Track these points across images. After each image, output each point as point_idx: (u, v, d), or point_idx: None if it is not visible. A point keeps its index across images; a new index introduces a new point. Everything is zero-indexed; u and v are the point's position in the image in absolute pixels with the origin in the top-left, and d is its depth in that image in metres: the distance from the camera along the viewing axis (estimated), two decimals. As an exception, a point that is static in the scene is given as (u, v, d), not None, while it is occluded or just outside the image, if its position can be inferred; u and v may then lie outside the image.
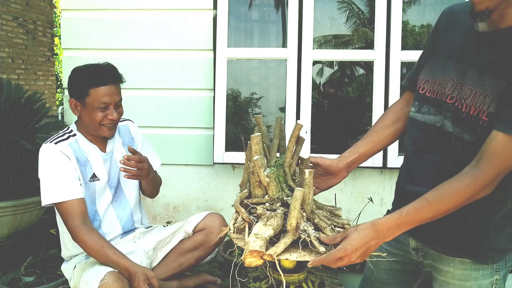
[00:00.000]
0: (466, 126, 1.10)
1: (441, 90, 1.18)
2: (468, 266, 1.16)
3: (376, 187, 2.65)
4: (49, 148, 1.69)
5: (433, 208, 1.05)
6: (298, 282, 1.27)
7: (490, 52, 1.07)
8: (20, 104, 2.59)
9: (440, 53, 1.21)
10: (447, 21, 1.24)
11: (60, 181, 1.64)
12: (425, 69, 1.25)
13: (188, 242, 1.82)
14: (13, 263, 2.32)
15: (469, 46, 1.13)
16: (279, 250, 1.06)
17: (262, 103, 2.87)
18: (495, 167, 1.01)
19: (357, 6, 4.21)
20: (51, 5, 7.53)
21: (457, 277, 1.18)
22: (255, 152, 1.19)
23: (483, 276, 1.16)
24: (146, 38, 2.74)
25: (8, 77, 6.05)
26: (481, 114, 1.06)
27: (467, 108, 1.09)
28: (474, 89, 1.08)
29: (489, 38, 1.07)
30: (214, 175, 2.80)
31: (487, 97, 1.05)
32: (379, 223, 1.08)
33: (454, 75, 1.15)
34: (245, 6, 2.79)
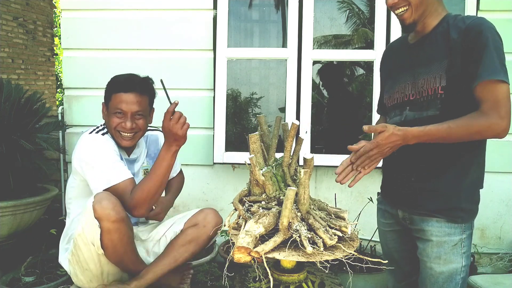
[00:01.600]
0: (428, 105, 1.39)
1: (401, 95, 1.49)
2: (443, 225, 1.40)
3: (376, 187, 2.63)
4: (96, 136, 1.71)
5: (447, 136, 1.28)
6: (298, 282, 1.27)
7: (426, 50, 1.41)
8: (20, 104, 2.59)
9: (392, 71, 1.58)
10: (386, 53, 1.69)
11: (115, 164, 1.65)
12: (386, 89, 1.62)
13: (181, 238, 1.82)
14: (13, 263, 2.32)
15: (411, 56, 1.48)
16: (267, 248, 1.07)
17: (262, 103, 2.86)
18: (496, 109, 1.25)
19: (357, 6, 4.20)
20: (51, 5, 7.52)
21: (435, 234, 1.41)
22: (252, 150, 1.20)
23: (454, 233, 1.40)
24: (146, 38, 2.74)
25: (8, 77, 6.05)
26: (437, 90, 1.37)
27: (425, 93, 1.40)
28: (426, 77, 1.40)
29: (422, 43, 1.44)
30: (214, 175, 2.80)
31: (436, 77, 1.37)
32: (408, 130, 1.30)
33: (408, 79, 1.47)
34: (245, 6, 2.79)
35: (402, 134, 1.28)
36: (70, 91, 2.82)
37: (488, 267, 2.70)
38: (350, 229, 1.22)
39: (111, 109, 1.72)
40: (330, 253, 1.09)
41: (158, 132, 1.98)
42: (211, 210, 1.87)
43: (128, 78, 1.75)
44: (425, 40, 1.42)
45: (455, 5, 2.58)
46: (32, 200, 2.43)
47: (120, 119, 1.71)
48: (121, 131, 1.72)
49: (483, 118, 1.26)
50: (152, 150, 1.95)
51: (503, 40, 1.31)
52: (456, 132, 1.27)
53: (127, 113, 1.71)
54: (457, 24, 1.34)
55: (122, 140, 1.74)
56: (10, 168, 2.46)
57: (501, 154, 2.63)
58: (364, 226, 2.34)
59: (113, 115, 1.71)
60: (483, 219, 2.72)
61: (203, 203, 2.82)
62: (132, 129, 1.72)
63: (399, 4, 1.37)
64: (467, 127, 1.27)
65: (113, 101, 1.71)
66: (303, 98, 2.59)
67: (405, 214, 1.52)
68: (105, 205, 1.50)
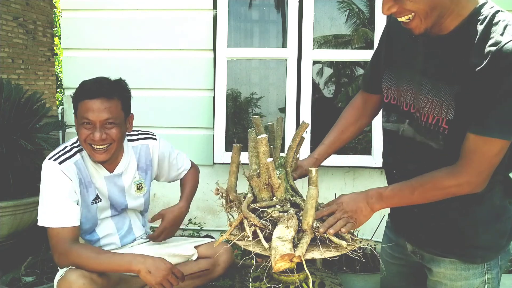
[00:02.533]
0: (428, 134, 1.11)
1: (402, 99, 1.19)
2: (458, 266, 1.16)
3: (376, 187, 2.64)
4: (51, 167, 1.53)
5: (412, 198, 1.11)
6: (298, 282, 1.27)
7: (436, 59, 1.08)
8: (20, 104, 2.60)
9: (396, 61, 1.22)
10: (395, 29, 1.22)
11: (56, 206, 1.51)
12: (385, 76, 1.25)
13: (191, 268, 1.68)
14: (13, 263, 2.32)
15: (416, 55, 1.14)
16: (304, 250, 1.06)
17: (262, 103, 2.86)
18: (473, 166, 1.02)
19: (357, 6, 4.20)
20: (51, 5, 7.53)
21: (448, 277, 1.18)
22: (263, 154, 1.18)
23: (474, 276, 1.16)
24: (146, 38, 2.74)
25: (8, 77, 6.05)
26: (440, 122, 1.07)
27: (425, 117, 1.11)
28: (430, 97, 1.08)
29: (433, 45, 1.08)
30: (214, 175, 2.80)
31: (443, 104, 1.05)
32: (370, 189, 1.17)
33: (411, 84, 1.15)
34: (245, 6, 2.79)
35: (364, 194, 1.16)
36: (70, 91, 2.81)
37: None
38: None
39: (78, 119, 1.52)
40: (349, 244, 1.10)
41: (149, 141, 1.77)
42: (226, 250, 1.71)
43: (93, 82, 1.54)
44: (439, 46, 1.07)
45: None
46: (32, 200, 2.43)
47: (89, 130, 1.50)
48: (92, 143, 1.51)
49: (452, 176, 1.04)
50: (143, 162, 1.74)
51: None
52: (421, 195, 1.09)
53: (95, 123, 1.48)
54: (484, 39, 0.96)
55: (94, 154, 1.53)
56: (10, 168, 2.46)
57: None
58: (364, 226, 2.34)
59: (81, 126, 1.50)
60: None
61: (203, 203, 2.82)
62: (102, 141, 1.50)
63: (400, 13, 1.01)
64: (433, 186, 1.07)
65: (80, 110, 1.50)
66: (303, 98, 2.59)
67: (414, 248, 1.29)
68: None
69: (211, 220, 2.83)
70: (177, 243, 1.79)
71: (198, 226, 2.76)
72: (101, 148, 1.52)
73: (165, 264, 1.47)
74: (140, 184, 1.75)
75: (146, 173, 1.77)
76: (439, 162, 1.09)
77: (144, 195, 1.78)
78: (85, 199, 1.60)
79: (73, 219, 1.52)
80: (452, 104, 1.03)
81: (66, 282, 1.42)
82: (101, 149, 1.53)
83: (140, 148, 1.74)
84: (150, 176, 1.79)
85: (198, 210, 2.82)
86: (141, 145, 1.75)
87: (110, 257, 1.49)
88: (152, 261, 1.46)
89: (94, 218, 1.65)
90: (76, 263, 1.46)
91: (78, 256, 1.46)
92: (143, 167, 1.75)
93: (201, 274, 1.69)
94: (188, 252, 1.73)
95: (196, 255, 1.74)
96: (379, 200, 1.14)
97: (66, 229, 1.49)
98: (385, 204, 1.15)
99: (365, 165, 2.58)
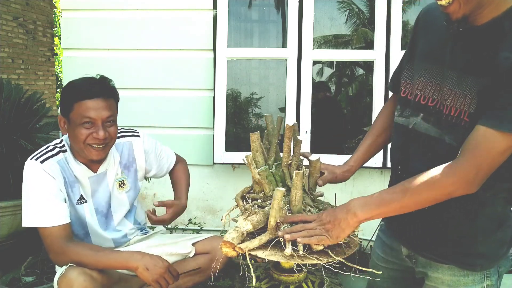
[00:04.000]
0: (448, 128, 1.07)
1: (422, 94, 1.15)
2: (457, 272, 1.13)
3: (376, 187, 2.64)
4: (32, 166, 1.51)
5: (403, 200, 1.03)
6: (298, 282, 1.27)
7: (466, 51, 1.05)
8: (20, 104, 2.60)
9: (419, 55, 1.20)
10: (424, 21, 1.22)
11: (44, 205, 1.48)
12: (405, 71, 1.24)
13: (190, 265, 1.68)
14: (13, 263, 2.32)
15: (444, 46, 1.11)
16: (251, 245, 1.08)
17: (262, 103, 2.87)
18: (474, 162, 0.97)
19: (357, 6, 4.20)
20: (51, 5, 7.53)
21: (446, 283, 1.15)
22: (252, 149, 1.20)
23: (472, 282, 1.13)
24: (146, 38, 2.74)
25: (8, 77, 6.05)
26: (462, 114, 1.04)
27: (448, 109, 1.07)
28: (454, 89, 1.06)
29: (463, 37, 1.06)
30: (214, 175, 2.80)
31: (467, 97, 1.03)
32: (353, 198, 1.08)
33: (433, 77, 1.13)
34: (245, 6, 2.79)
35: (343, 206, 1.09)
36: (70, 91, 2.82)
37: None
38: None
39: (75, 120, 1.49)
40: (314, 257, 1.06)
41: (132, 138, 1.76)
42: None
43: (89, 81, 1.53)
44: (470, 36, 1.04)
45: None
46: (32, 200, 2.43)
47: (89, 130, 1.49)
48: (93, 143, 1.51)
49: (450, 171, 0.98)
50: (126, 159, 1.73)
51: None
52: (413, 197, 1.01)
53: (97, 121, 1.49)
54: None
55: (92, 153, 1.53)
56: (10, 168, 2.46)
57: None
58: (364, 225, 2.34)
59: (79, 127, 1.49)
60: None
61: (203, 203, 2.82)
62: (104, 139, 1.52)
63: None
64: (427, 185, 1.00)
65: (77, 110, 1.48)
66: (303, 98, 2.59)
67: (410, 252, 1.24)
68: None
69: (211, 220, 2.83)
70: (174, 241, 1.78)
71: (198, 226, 2.77)
72: (100, 147, 1.53)
73: (162, 262, 1.48)
74: (122, 181, 1.73)
75: (129, 170, 1.75)
76: (446, 158, 1.04)
77: (127, 192, 1.75)
78: (70, 199, 1.59)
79: (63, 216, 1.51)
80: (475, 97, 1.01)
81: (67, 280, 1.42)
82: (100, 148, 1.53)
83: (123, 146, 1.73)
84: (134, 173, 1.76)
85: (198, 210, 2.83)
86: (123, 143, 1.74)
87: (108, 254, 1.49)
88: (149, 258, 1.47)
89: (82, 219, 1.63)
90: (75, 260, 1.46)
91: (77, 254, 1.46)
92: (126, 164, 1.74)
93: (199, 270, 1.69)
94: (186, 250, 1.73)
95: (194, 252, 1.73)
96: (363, 206, 1.05)
97: (58, 228, 1.48)
98: (370, 211, 1.04)
99: (365, 165, 2.56)
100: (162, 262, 1.48)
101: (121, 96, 1.70)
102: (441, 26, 1.11)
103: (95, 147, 1.52)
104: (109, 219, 1.72)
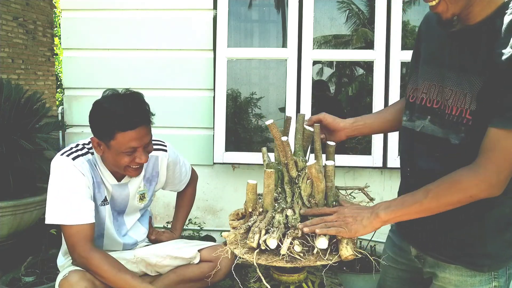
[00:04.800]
0: (451, 128, 1.09)
1: (427, 97, 1.18)
2: (464, 272, 1.14)
3: (376, 187, 2.64)
4: (63, 162, 1.50)
5: (425, 202, 1.04)
6: (298, 282, 1.27)
7: (462, 51, 1.08)
8: (20, 104, 2.60)
9: (422, 60, 1.22)
10: (425, 27, 1.26)
11: (72, 202, 1.47)
12: (412, 77, 1.26)
13: (193, 271, 1.68)
14: (13, 263, 2.32)
15: (443, 47, 1.13)
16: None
17: (262, 103, 2.86)
18: (493, 164, 0.98)
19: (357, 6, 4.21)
20: (51, 5, 7.53)
21: (453, 283, 1.16)
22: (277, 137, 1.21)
23: (480, 283, 1.13)
24: (146, 38, 2.74)
25: (8, 77, 6.05)
26: (463, 113, 1.05)
27: (450, 109, 1.09)
28: (454, 89, 1.08)
29: (459, 37, 1.08)
30: (214, 175, 2.80)
31: (467, 95, 1.04)
32: (378, 203, 1.11)
33: (436, 79, 1.15)
34: (245, 6, 2.79)
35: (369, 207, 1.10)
36: (70, 91, 2.82)
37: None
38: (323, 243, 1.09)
39: (117, 148, 1.47)
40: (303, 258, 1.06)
41: (159, 152, 1.74)
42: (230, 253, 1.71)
43: (129, 109, 1.47)
44: (465, 36, 1.07)
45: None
46: (32, 200, 2.44)
47: (131, 156, 1.50)
48: (133, 166, 1.53)
49: (471, 172, 0.99)
50: (149, 173, 1.73)
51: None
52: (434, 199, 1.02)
53: (140, 148, 1.50)
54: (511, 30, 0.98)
55: (132, 173, 1.55)
56: (10, 168, 2.46)
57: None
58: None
59: (121, 154, 1.48)
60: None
61: (203, 203, 2.82)
62: (146, 162, 1.54)
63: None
64: (449, 187, 1.01)
65: (120, 140, 1.45)
66: (303, 98, 2.59)
67: (419, 253, 1.25)
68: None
69: (211, 220, 2.83)
70: (179, 245, 1.78)
71: (198, 226, 2.77)
72: (138, 167, 1.55)
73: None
74: (143, 194, 1.74)
75: (150, 184, 1.76)
76: (454, 159, 1.06)
77: (144, 205, 1.78)
78: (95, 199, 1.58)
79: (90, 215, 1.49)
80: (475, 95, 1.02)
81: (69, 283, 1.42)
82: (140, 168, 1.56)
83: (149, 159, 1.70)
84: (154, 186, 1.78)
85: (198, 210, 2.83)
86: (150, 156, 1.70)
87: (127, 280, 1.47)
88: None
89: (102, 220, 1.63)
90: (94, 271, 1.46)
91: (98, 266, 1.45)
92: (149, 178, 1.74)
93: (202, 277, 1.68)
94: (189, 255, 1.72)
95: (198, 258, 1.72)
96: (386, 208, 1.07)
97: (84, 227, 1.46)
98: (392, 212, 1.06)
99: (365, 165, 2.58)
100: None
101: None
102: (438, 30, 1.13)
103: (134, 168, 1.53)
104: (121, 223, 1.73)
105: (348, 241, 1.07)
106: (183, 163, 1.89)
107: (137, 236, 1.78)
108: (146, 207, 1.81)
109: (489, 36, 1.01)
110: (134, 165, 1.52)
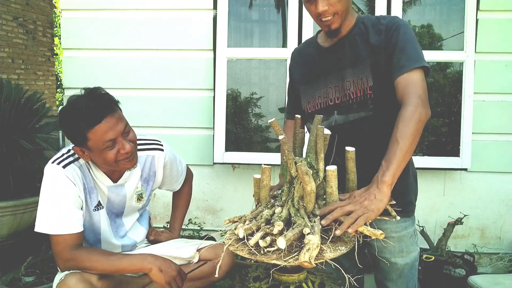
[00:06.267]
0: (360, 107, 1.43)
1: (325, 100, 1.51)
2: (401, 220, 1.39)
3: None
4: (54, 170, 1.49)
5: (405, 146, 1.21)
6: (298, 282, 1.27)
7: (347, 51, 1.44)
8: (20, 104, 2.60)
9: (304, 81, 1.58)
10: (295, 58, 1.66)
11: (59, 212, 1.47)
12: (302, 96, 1.59)
13: (193, 271, 1.69)
14: (13, 263, 2.33)
15: (327, 59, 1.50)
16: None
17: (262, 103, 2.86)
18: (415, 93, 1.28)
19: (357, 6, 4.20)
20: (51, 5, 7.53)
21: (394, 230, 1.48)
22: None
23: (409, 226, 1.50)
24: (146, 38, 2.74)
25: (8, 77, 6.06)
26: (366, 91, 1.41)
27: (354, 95, 1.44)
28: (352, 79, 1.43)
29: (338, 46, 1.46)
30: (214, 175, 2.80)
31: (363, 78, 1.41)
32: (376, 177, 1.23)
33: (331, 83, 1.49)
34: (245, 6, 2.79)
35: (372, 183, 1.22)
36: (70, 91, 2.81)
37: (488, 267, 2.70)
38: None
39: (97, 147, 1.43)
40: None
41: (155, 152, 1.72)
42: (228, 253, 1.62)
43: (88, 104, 1.42)
44: (345, 42, 1.45)
45: (454, 5, 2.57)
46: (32, 200, 2.44)
47: (114, 148, 1.45)
48: (123, 158, 1.48)
49: (408, 107, 1.25)
50: (146, 173, 1.71)
51: (504, 39, 1.32)
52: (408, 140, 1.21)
53: (118, 137, 1.45)
54: (375, 25, 1.42)
55: (125, 165, 1.51)
56: (10, 168, 2.46)
57: (501, 154, 2.63)
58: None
59: (104, 151, 1.44)
60: (483, 219, 2.72)
61: (203, 203, 2.82)
62: (133, 148, 1.50)
63: (328, 12, 1.37)
64: (410, 127, 1.22)
65: (93, 138, 1.41)
66: (303, 98, 2.59)
67: None
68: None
69: (211, 220, 2.83)
70: (178, 245, 1.78)
71: (198, 226, 2.76)
72: (130, 157, 1.50)
73: (175, 265, 1.51)
74: (141, 194, 1.73)
75: (148, 184, 1.75)
76: (371, 129, 1.42)
77: (142, 205, 1.77)
78: (88, 205, 1.58)
79: (77, 225, 1.49)
80: (369, 74, 1.40)
81: (66, 286, 1.41)
82: (130, 158, 1.50)
83: (146, 159, 1.70)
84: (151, 186, 1.77)
85: (198, 210, 2.83)
86: (146, 156, 1.70)
87: (120, 258, 1.48)
88: (163, 260, 1.50)
89: (97, 225, 1.62)
90: (86, 266, 1.45)
91: (88, 259, 1.45)
92: (146, 178, 1.73)
93: (202, 276, 1.70)
94: (189, 255, 1.72)
95: (197, 257, 1.73)
96: (384, 172, 1.20)
97: (70, 236, 1.47)
98: (390, 171, 1.19)
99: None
100: (175, 265, 1.51)
101: (121, 96, 1.68)
102: (314, 54, 1.55)
103: (125, 160, 1.49)
104: (119, 225, 1.72)
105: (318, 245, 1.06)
106: (179, 162, 1.88)
107: (137, 237, 1.77)
108: (144, 207, 1.81)
109: (360, 34, 1.43)
110: (122, 157, 1.48)
